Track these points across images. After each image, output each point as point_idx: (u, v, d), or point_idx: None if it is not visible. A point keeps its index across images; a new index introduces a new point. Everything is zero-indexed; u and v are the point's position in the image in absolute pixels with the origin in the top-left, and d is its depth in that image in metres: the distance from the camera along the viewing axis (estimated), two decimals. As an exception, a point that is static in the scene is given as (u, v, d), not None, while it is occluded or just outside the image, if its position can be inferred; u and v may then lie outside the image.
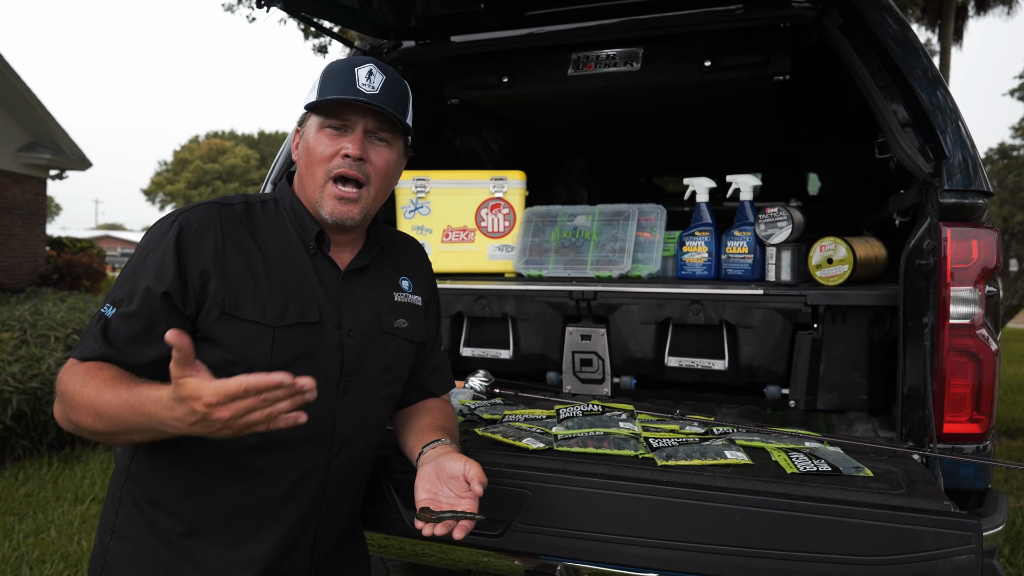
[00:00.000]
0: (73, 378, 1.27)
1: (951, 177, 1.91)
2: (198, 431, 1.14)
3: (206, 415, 1.10)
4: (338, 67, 1.45)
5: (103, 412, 1.22)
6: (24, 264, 13.87)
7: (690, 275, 2.66)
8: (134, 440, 1.28)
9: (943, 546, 1.35)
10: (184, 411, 1.12)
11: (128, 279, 1.36)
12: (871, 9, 2.17)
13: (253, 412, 1.11)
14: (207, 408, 1.10)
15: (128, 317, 1.32)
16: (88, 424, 1.25)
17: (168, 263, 1.34)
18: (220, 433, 1.14)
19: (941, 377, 1.88)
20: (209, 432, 1.14)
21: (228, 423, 1.11)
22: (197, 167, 59.32)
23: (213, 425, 1.12)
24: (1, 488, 4.55)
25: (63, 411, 1.29)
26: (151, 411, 1.17)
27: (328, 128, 1.43)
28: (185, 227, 1.37)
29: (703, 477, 1.56)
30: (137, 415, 1.19)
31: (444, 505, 1.35)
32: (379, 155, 1.45)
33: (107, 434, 1.25)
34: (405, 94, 1.48)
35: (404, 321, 1.59)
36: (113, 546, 1.42)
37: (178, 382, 1.11)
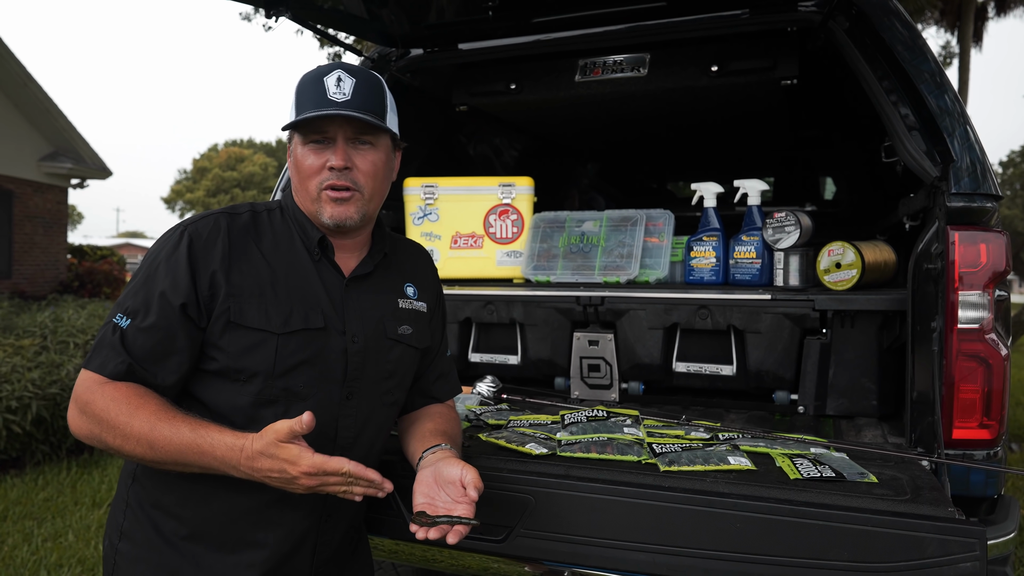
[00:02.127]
0: (113, 405, 1.29)
1: (959, 181, 1.89)
2: (270, 483, 1.26)
3: (294, 478, 1.23)
4: (308, 79, 1.45)
5: (159, 446, 1.27)
6: (46, 272, 14.06)
7: (698, 280, 2.65)
8: (183, 470, 1.32)
9: (947, 553, 1.34)
10: (271, 466, 1.23)
11: (140, 289, 1.37)
12: (878, 13, 2.16)
13: (335, 487, 1.26)
14: (301, 474, 1.22)
15: (146, 331, 1.34)
16: (135, 453, 1.29)
17: (182, 274, 1.36)
18: (285, 488, 1.27)
19: (950, 382, 1.86)
20: (278, 485, 1.26)
21: (307, 487, 1.25)
22: (216, 175, 59.86)
23: (292, 485, 1.25)
24: (21, 492, 4.62)
25: (96, 432, 1.31)
26: (224, 456, 1.25)
27: (311, 143, 1.44)
28: (195, 237, 1.39)
29: (706, 483, 1.56)
30: (204, 457, 1.26)
31: (440, 509, 1.36)
32: (364, 159, 1.46)
33: (154, 462, 1.30)
34: (380, 91, 1.48)
35: (408, 327, 1.59)
36: (122, 546, 1.45)
37: (280, 444, 1.22)
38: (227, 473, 1.27)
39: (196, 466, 1.28)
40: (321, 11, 2.56)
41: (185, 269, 1.36)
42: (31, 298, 12.37)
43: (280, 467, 1.22)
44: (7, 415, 4.82)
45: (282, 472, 1.23)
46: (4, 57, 12.42)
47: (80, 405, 1.32)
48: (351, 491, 1.27)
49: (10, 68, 12.62)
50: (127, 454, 1.29)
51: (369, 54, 2.96)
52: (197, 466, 1.28)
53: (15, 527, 4.08)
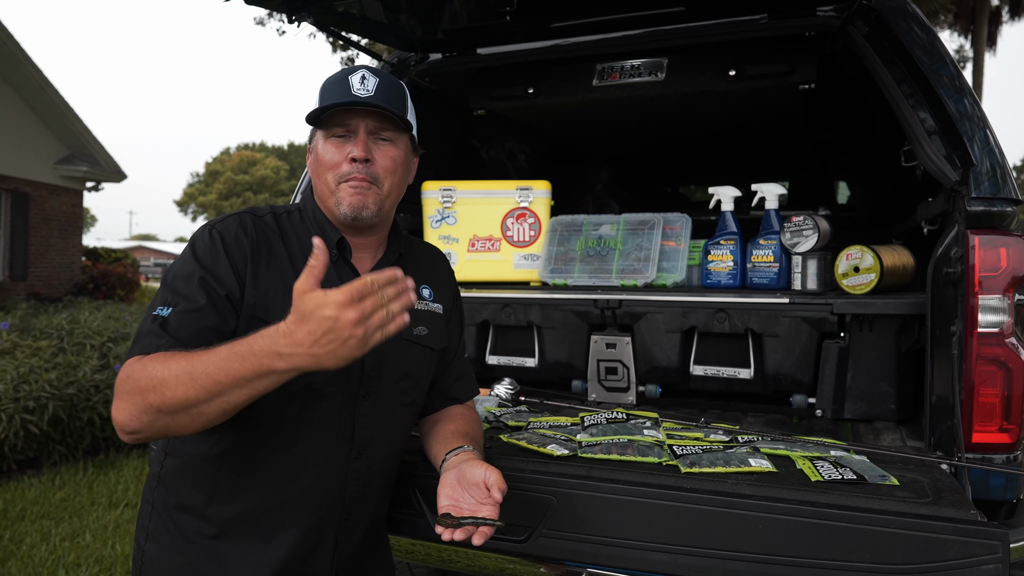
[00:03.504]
0: (149, 365, 1.23)
1: (979, 185, 1.89)
2: (317, 353, 1.13)
3: (335, 321, 1.10)
4: (332, 79, 1.48)
5: (198, 373, 1.18)
6: (61, 274, 14.18)
7: (715, 284, 2.66)
8: (225, 407, 1.21)
9: (969, 555, 1.34)
10: (310, 327, 1.12)
11: (179, 282, 1.37)
12: (897, 17, 2.17)
13: (374, 314, 1.13)
14: (338, 310, 1.10)
15: (190, 313, 1.32)
16: (178, 395, 1.18)
17: (223, 267, 1.38)
18: (337, 353, 1.13)
19: (970, 386, 1.86)
20: (328, 352, 1.13)
21: (354, 330, 1.11)
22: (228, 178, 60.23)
23: (341, 334, 1.11)
24: (38, 493, 4.65)
25: (137, 401, 1.22)
26: (262, 347, 1.15)
27: (333, 137, 1.47)
28: (225, 234, 1.42)
29: (727, 484, 1.57)
30: (244, 360, 1.16)
31: (465, 511, 1.37)
32: (385, 154, 1.48)
33: (199, 402, 1.19)
34: (401, 93, 1.51)
35: (424, 329, 1.61)
36: (148, 548, 1.47)
37: (304, 296, 1.12)
38: (270, 372, 1.16)
39: (239, 382, 1.17)
40: (342, 16, 2.59)
41: (225, 263, 1.38)
42: (47, 300, 12.48)
43: (318, 320, 1.11)
44: (25, 415, 4.87)
45: (322, 323, 1.11)
46: (21, 61, 12.56)
47: (120, 389, 1.26)
48: (391, 309, 1.14)
49: (27, 72, 12.76)
50: (170, 402, 1.19)
51: (388, 58, 2.98)
52: (241, 380, 1.17)
53: (33, 526, 4.11)
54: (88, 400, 5.30)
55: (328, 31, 2.65)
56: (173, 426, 1.22)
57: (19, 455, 5.00)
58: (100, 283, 14.49)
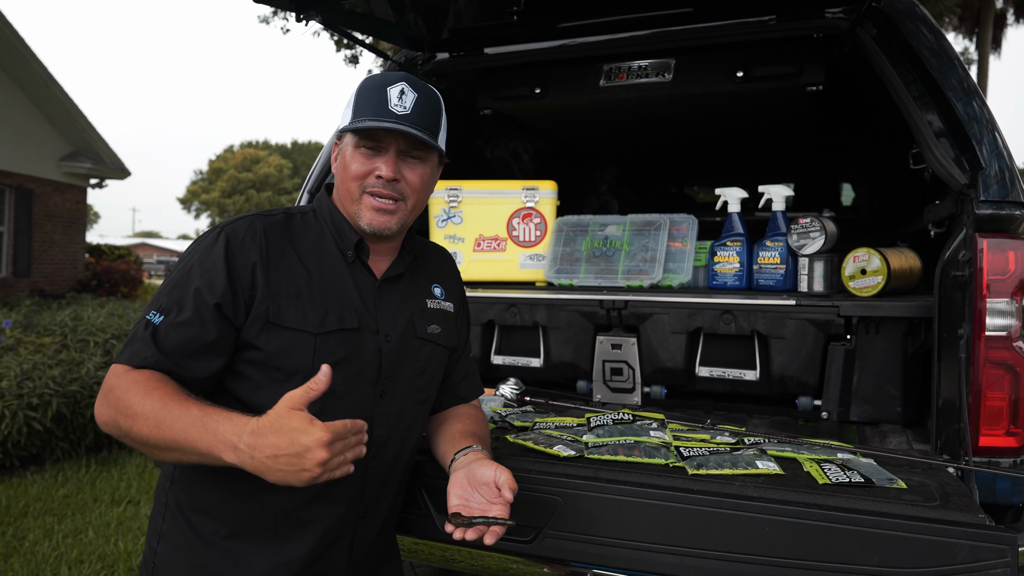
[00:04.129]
0: (132, 387, 1.28)
1: (987, 188, 1.89)
2: (271, 466, 1.16)
3: (306, 451, 1.14)
4: (371, 85, 1.47)
5: (165, 425, 1.22)
6: (64, 271, 14.21)
7: (721, 285, 2.66)
8: (178, 459, 1.27)
9: (977, 559, 1.33)
10: (278, 441, 1.15)
11: (175, 288, 1.38)
12: (905, 19, 2.16)
13: (335, 458, 1.17)
14: (314, 445, 1.13)
15: (179, 326, 1.34)
16: (142, 434, 1.24)
17: (219, 273, 1.37)
18: (286, 477, 1.16)
19: (977, 390, 1.86)
20: (279, 470, 1.16)
21: (315, 468, 1.14)
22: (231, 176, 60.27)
23: (303, 464, 1.14)
24: (41, 489, 4.66)
25: (113, 416, 1.28)
26: (224, 433, 1.19)
27: (363, 148, 1.46)
28: (232, 238, 1.41)
29: (734, 487, 1.56)
30: (204, 435, 1.20)
31: (475, 511, 1.38)
32: (413, 172, 1.48)
33: (156, 447, 1.24)
34: (437, 109, 1.50)
35: (437, 327, 1.62)
36: (161, 550, 1.46)
37: (289, 412, 1.17)
38: (218, 457, 1.19)
39: (195, 448, 1.20)
40: (349, 15, 2.59)
41: (222, 268, 1.37)
42: (50, 296, 12.50)
43: (291, 440, 1.14)
44: (28, 412, 4.88)
45: (292, 447, 1.13)
46: (26, 58, 12.58)
47: (104, 392, 1.31)
48: (345, 456, 1.19)
49: (32, 69, 12.78)
50: (135, 436, 1.25)
51: (395, 57, 2.98)
52: (196, 448, 1.20)
53: (36, 523, 4.12)
54: (91, 397, 5.30)
55: (335, 30, 2.64)
56: (137, 447, 1.30)
57: (22, 451, 5.01)
58: (103, 280, 14.51)
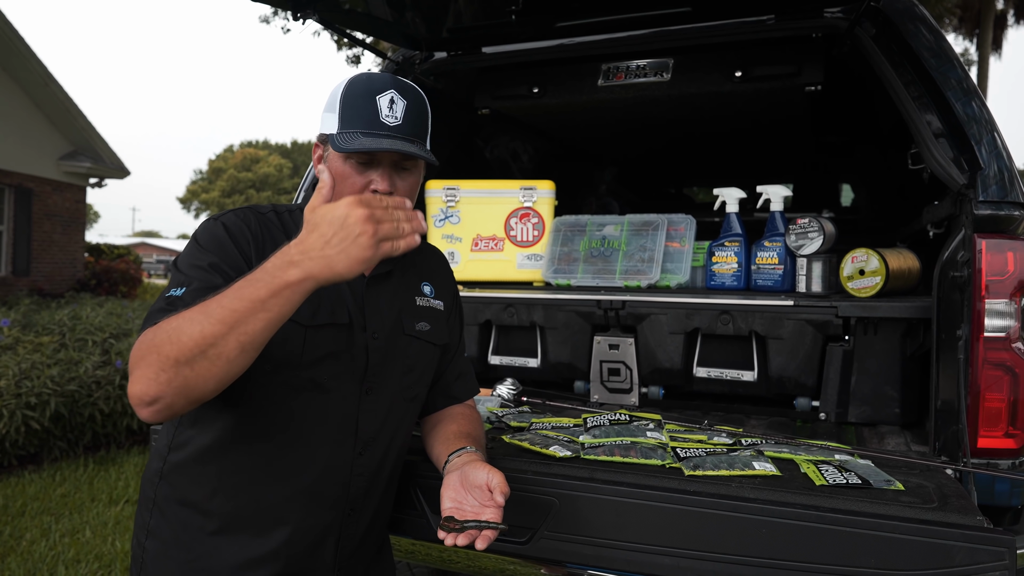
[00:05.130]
0: (162, 323, 1.20)
1: (986, 188, 1.88)
2: (329, 254, 1.14)
3: (345, 218, 1.14)
4: (358, 93, 1.43)
5: (212, 308, 1.16)
6: (64, 270, 14.20)
7: (719, 285, 2.65)
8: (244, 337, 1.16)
9: (975, 562, 1.33)
10: (321, 230, 1.15)
11: (191, 268, 1.35)
12: (905, 19, 2.16)
13: (384, 221, 1.16)
14: (347, 208, 1.14)
15: (203, 290, 1.29)
16: (194, 334, 1.15)
17: (230, 250, 1.37)
18: (349, 252, 1.14)
19: (975, 391, 1.85)
20: (340, 252, 1.14)
21: (364, 226, 1.13)
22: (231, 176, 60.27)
23: (351, 230, 1.14)
24: (39, 488, 4.65)
25: (153, 360, 1.17)
26: (273, 263, 1.16)
27: (353, 160, 1.43)
28: (229, 225, 1.41)
29: (731, 488, 1.56)
30: (257, 282, 1.16)
31: (468, 514, 1.37)
32: (405, 182, 1.47)
33: (215, 338, 1.14)
34: (426, 112, 1.48)
35: (426, 324, 1.62)
36: (149, 544, 1.46)
37: (314, 210, 1.18)
38: (285, 285, 1.14)
39: (258, 300, 1.14)
40: (347, 13, 2.58)
41: (233, 249, 1.38)
42: (49, 296, 12.49)
43: (329, 220, 1.14)
44: (26, 411, 4.87)
45: (332, 224, 1.14)
46: (26, 57, 12.57)
47: (134, 360, 1.20)
48: (401, 226, 1.18)
49: (32, 68, 12.77)
50: (186, 348, 1.15)
51: (393, 56, 2.97)
52: (259, 298, 1.14)
53: (33, 522, 4.11)
54: (89, 396, 5.31)
55: (333, 29, 2.64)
56: (193, 379, 1.16)
57: (20, 451, 5.00)
58: (103, 279, 14.49)
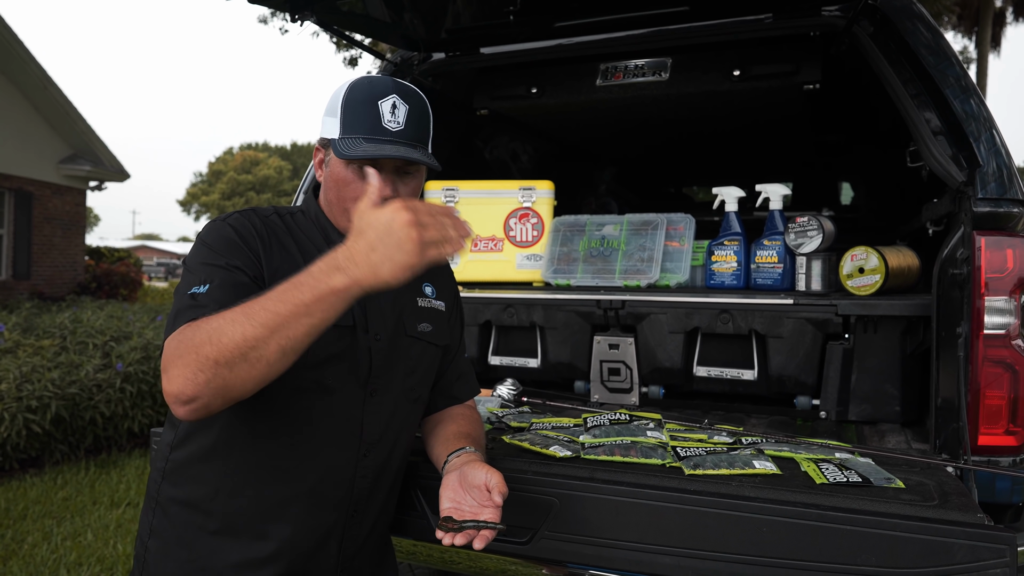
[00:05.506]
0: (201, 322, 1.20)
1: (985, 186, 1.88)
2: (375, 260, 1.14)
3: (391, 223, 1.13)
4: (360, 99, 1.42)
5: (255, 310, 1.16)
6: (64, 273, 14.20)
7: (719, 284, 2.65)
8: (286, 342, 1.16)
9: (976, 559, 1.32)
10: (367, 236, 1.15)
11: (204, 267, 1.34)
12: (903, 17, 2.16)
13: (430, 226, 1.15)
14: (392, 213, 1.14)
15: (226, 288, 1.29)
16: (236, 337, 1.14)
17: (243, 253, 1.37)
18: (394, 258, 1.13)
19: (976, 388, 1.85)
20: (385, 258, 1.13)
21: (409, 231, 1.13)
22: (231, 178, 60.29)
23: (397, 235, 1.13)
24: (40, 492, 4.65)
25: (191, 359, 1.16)
26: (319, 268, 1.16)
27: (355, 166, 1.43)
28: (237, 226, 1.41)
29: (731, 487, 1.56)
30: (302, 286, 1.15)
31: (467, 514, 1.37)
32: (407, 187, 1.47)
33: (257, 341, 1.14)
34: (427, 116, 1.48)
35: (428, 325, 1.62)
36: (151, 544, 1.46)
37: (362, 214, 1.18)
38: (331, 291, 1.14)
39: (302, 305, 1.14)
40: (345, 15, 2.58)
41: (244, 248, 1.38)
42: (49, 299, 12.49)
43: (374, 226, 1.14)
44: (27, 415, 4.87)
45: (378, 230, 1.13)
46: (25, 60, 12.57)
47: (169, 360, 1.20)
48: (448, 232, 1.17)
49: (31, 71, 12.78)
50: (227, 350, 1.14)
51: (391, 58, 2.97)
52: (303, 302, 1.14)
53: (35, 526, 4.11)
54: (90, 399, 5.31)
55: (331, 30, 2.64)
56: (232, 380, 1.16)
57: (21, 454, 5.00)
58: (103, 282, 14.50)
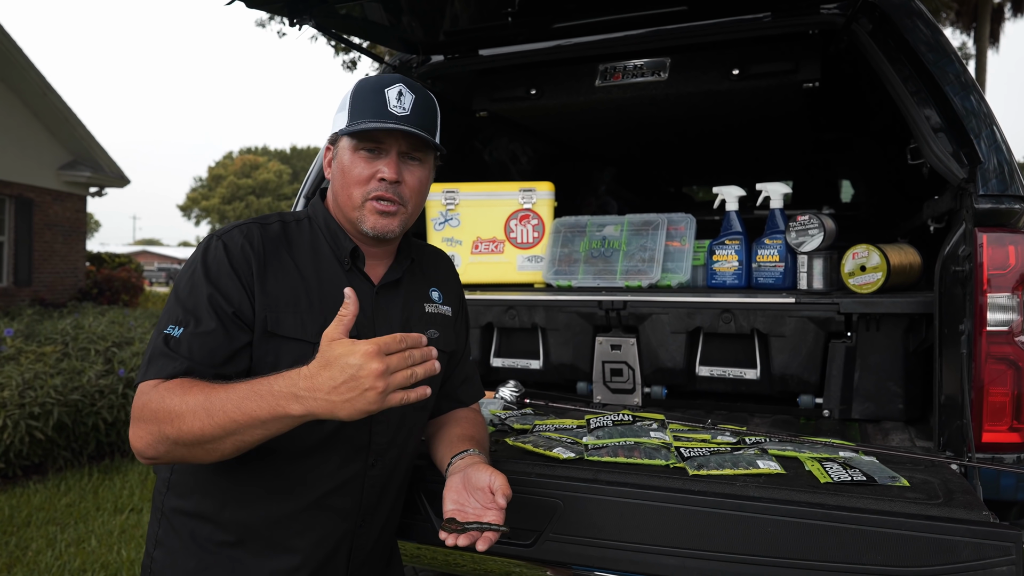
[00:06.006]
0: (167, 394, 1.23)
1: (986, 182, 1.88)
2: (335, 400, 1.13)
3: (359, 369, 1.12)
4: (368, 87, 1.46)
5: (216, 410, 1.18)
6: (65, 279, 14.21)
7: (720, 284, 2.64)
8: (238, 445, 1.21)
9: (981, 557, 1.32)
10: (332, 373, 1.13)
11: (186, 299, 1.35)
12: (901, 14, 2.15)
13: (398, 372, 1.15)
14: (363, 359, 1.11)
15: (203, 336, 1.31)
16: (193, 430, 1.19)
17: (229, 280, 1.36)
18: (354, 403, 1.13)
19: (979, 385, 1.84)
20: (345, 400, 1.13)
21: (375, 382, 1.12)
22: (231, 183, 60.34)
23: (361, 383, 1.12)
24: (44, 498, 4.65)
25: (155, 430, 1.23)
26: (280, 388, 1.16)
27: (363, 151, 1.45)
28: (230, 245, 1.40)
29: (735, 487, 1.55)
30: (261, 400, 1.16)
31: (470, 516, 1.36)
32: (413, 175, 1.48)
33: (213, 438, 1.19)
34: (434, 110, 1.50)
35: (435, 331, 1.61)
36: (157, 555, 1.46)
37: (331, 344, 1.15)
38: (284, 415, 1.16)
39: (256, 419, 1.17)
40: (343, 18, 2.58)
41: (231, 274, 1.37)
42: (51, 305, 12.50)
43: (342, 366, 1.12)
44: (30, 421, 4.87)
45: (345, 371, 1.12)
46: (24, 67, 12.59)
47: (137, 414, 1.26)
48: (414, 371, 1.17)
49: (30, 78, 12.79)
50: (186, 436, 1.19)
51: (390, 61, 2.97)
52: (257, 417, 1.16)
53: (38, 532, 4.11)
54: (93, 405, 5.31)
55: (329, 34, 2.64)
56: (188, 457, 1.25)
57: (24, 461, 5.00)
58: (104, 288, 14.51)
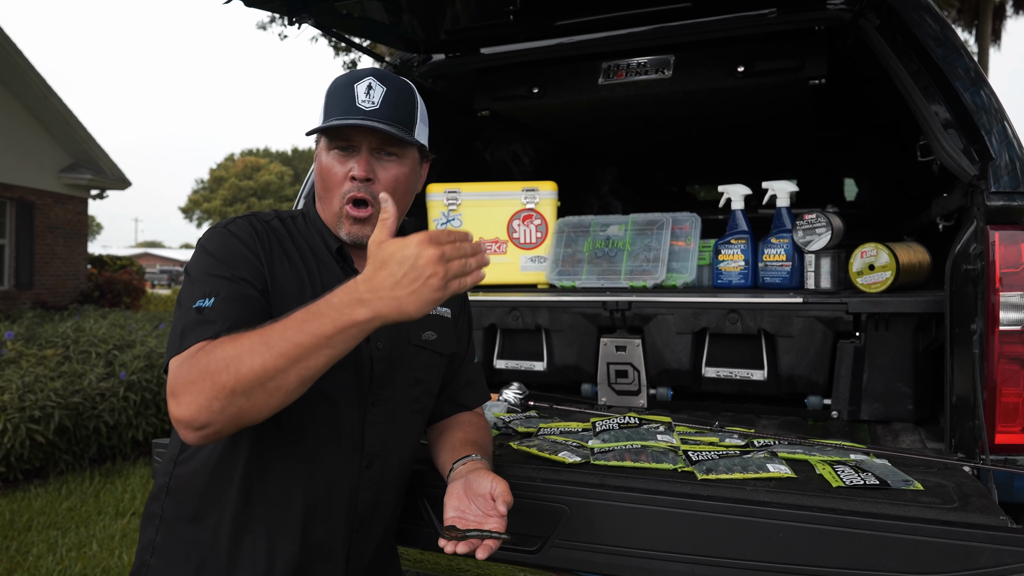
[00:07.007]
0: (215, 346, 1.18)
1: (998, 179, 1.85)
2: (399, 295, 1.12)
3: (416, 258, 1.11)
4: (339, 85, 1.43)
5: (275, 340, 1.14)
6: (67, 282, 14.20)
7: (726, 284, 2.61)
8: (305, 372, 1.15)
9: (1000, 563, 1.29)
10: (391, 269, 1.12)
11: (209, 278, 1.32)
12: (909, 9, 2.12)
13: (453, 260, 1.13)
14: (418, 248, 1.11)
15: (234, 300, 1.27)
16: (255, 367, 1.13)
17: (247, 260, 1.35)
18: (420, 293, 1.12)
19: (992, 386, 1.81)
20: (410, 293, 1.12)
21: (435, 267, 1.11)
22: (233, 184, 60.39)
23: (422, 272, 1.11)
24: (45, 502, 4.63)
25: (207, 386, 1.15)
26: (341, 299, 1.14)
27: (335, 150, 1.42)
28: (239, 233, 1.39)
29: (745, 491, 1.52)
30: (323, 317, 1.13)
31: (471, 523, 1.33)
32: (387, 172, 1.43)
33: (277, 372, 1.13)
34: (411, 101, 1.46)
35: (432, 333, 1.58)
36: (153, 562, 1.42)
37: (381, 245, 1.15)
38: (352, 323, 1.13)
39: (322, 335, 1.12)
40: (343, 17, 2.55)
41: (248, 255, 1.35)
42: (52, 308, 12.49)
43: (399, 260, 1.11)
44: (31, 425, 4.85)
45: (403, 264, 1.11)
46: (25, 70, 12.58)
47: (182, 381, 1.17)
48: (470, 262, 1.16)
49: (31, 81, 12.79)
50: (245, 379, 1.13)
51: (391, 60, 2.95)
52: (324, 333, 1.12)
53: (39, 537, 4.09)
54: (94, 408, 5.29)
55: (329, 33, 2.61)
56: (248, 409, 1.16)
57: (25, 465, 4.98)
58: (106, 291, 14.50)
